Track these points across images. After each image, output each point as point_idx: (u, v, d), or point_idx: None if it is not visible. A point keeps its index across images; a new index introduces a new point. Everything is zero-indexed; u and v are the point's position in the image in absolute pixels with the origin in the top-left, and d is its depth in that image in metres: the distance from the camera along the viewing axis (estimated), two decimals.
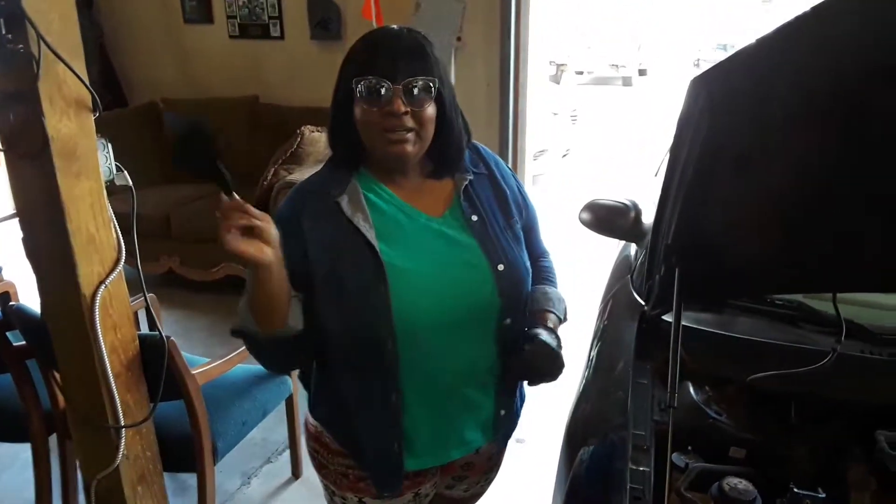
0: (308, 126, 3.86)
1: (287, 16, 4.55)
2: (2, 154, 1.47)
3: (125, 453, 1.67)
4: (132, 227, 1.60)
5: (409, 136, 1.18)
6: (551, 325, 1.33)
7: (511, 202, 1.35)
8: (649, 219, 2.01)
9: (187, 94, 4.83)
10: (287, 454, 2.70)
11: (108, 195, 1.59)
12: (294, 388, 2.48)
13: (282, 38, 4.61)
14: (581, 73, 16.05)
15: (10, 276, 2.84)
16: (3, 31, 1.34)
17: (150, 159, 4.60)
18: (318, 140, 3.84)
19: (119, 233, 1.61)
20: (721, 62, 1.03)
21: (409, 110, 1.16)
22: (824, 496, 1.16)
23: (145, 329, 2.55)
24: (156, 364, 1.71)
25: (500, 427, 1.40)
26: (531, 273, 1.35)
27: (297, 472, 2.66)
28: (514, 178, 1.41)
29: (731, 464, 1.31)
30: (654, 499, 1.16)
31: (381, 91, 1.14)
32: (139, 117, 4.76)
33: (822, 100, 1.03)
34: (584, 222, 2.15)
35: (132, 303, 1.73)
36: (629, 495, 1.16)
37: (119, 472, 1.69)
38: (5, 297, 2.72)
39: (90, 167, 1.52)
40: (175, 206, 4.15)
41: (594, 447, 1.37)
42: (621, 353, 1.58)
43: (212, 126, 1.00)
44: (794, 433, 1.37)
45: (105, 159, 1.58)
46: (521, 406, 1.48)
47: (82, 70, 1.45)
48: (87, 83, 1.46)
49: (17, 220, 1.57)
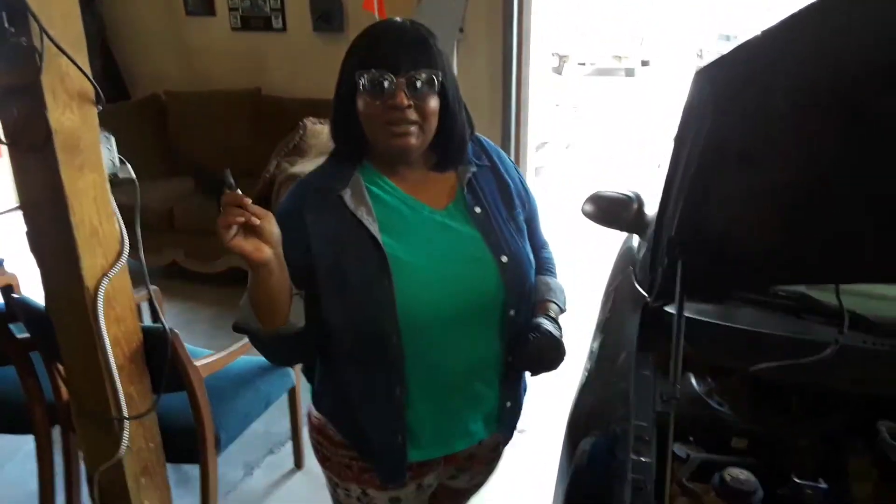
0: (310, 118, 3.86)
1: (289, 8, 4.53)
2: (5, 147, 1.48)
3: (128, 445, 1.68)
4: (135, 219, 1.61)
5: (413, 128, 1.17)
6: (553, 314, 1.33)
7: (514, 194, 1.36)
8: (652, 210, 2.01)
9: (189, 86, 4.83)
10: (289, 445, 2.71)
11: (111, 188, 1.59)
12: (297, 379, 2.49)
13: (284, 30, 4.59)
14: (583, 64, 16.00)
15: (13, 269, 2.85)
16: (6, 25, 1.34)
17: (152, 152, 4.61)
18: (321, 132, 3.84)
19: (122, 225, 1.61)
20: (725, 54, 1.03)
21: (412, 103, 1.15)
22: (826, 487, 1.17)
23: (148, 321, 2.56)
24: (159, 356, 1.71)
25: (503, 419, 1.40)
26: (534, 267, 1.35)
27: (299, 464, 2.67)
28: (517, 171, 1.41)
29: (732, 455, 1.32)
30: (656, 489, 1.16)
31: (385, 84, 1.14)
32: (142, 110, 4.75)
33: (824, 94, 1.03)
34: (586, 214, 2.15)
35: (135, 295, 1.74)
36: (631, 486, 1.16)
37: (122, 463, 1.70)
38: (8, 290, 2.73)
39: (93, 160, 1.52)
40: (178, 199, 4.16)
41: (596, 438, 1.37)
42: (624, 344, 1.58)
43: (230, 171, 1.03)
44: (795, 424, 1.37)
45: (108, 152, 1.59)
46: (524, 397, 1.48)
47: (85, 63, 1.45)
48: (90, 76, 1.46)
49: (20, 213, 1.57)
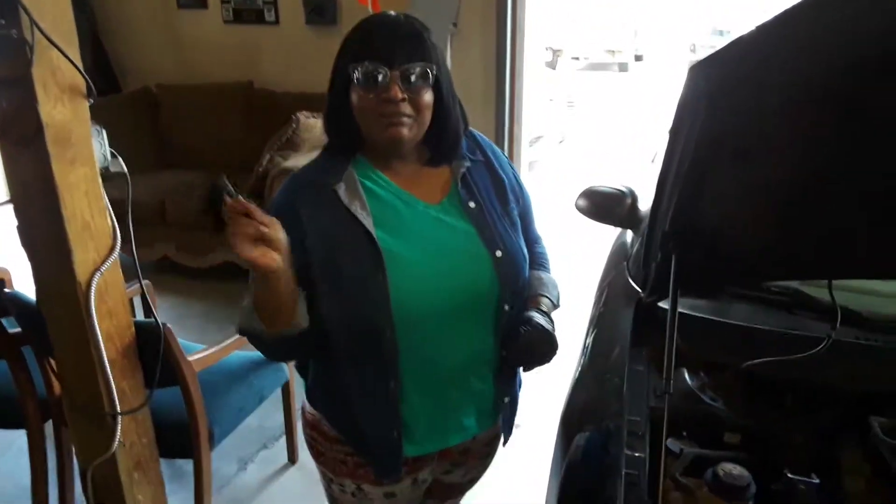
0: (303, 112, 3.85)
1: (282, 1, 4.50)
2: None
3: (121, 440, 1.67)
4: (127, 213, 1.60)
5: (406, 121, 1.17)
6: (545, 308, 1.33)
7: (508, 189, 1.35)
8: (646, 206, 2.01)
9: (181, 79, 4.80)
10: (283, 440, 2.71)
11: (103, 182, 1.58)
12: (290, 374, 2.49)
13: (276, 23, 4.57)
14: (577, 58, 16.00)
15: (4, 263, 2.83)
16: None
17: (143, 145, 4.59)
18: (314, 126, 3.82)
19: (114, 220, 1.60)
20: (719, 50, 1.02)
21: (405, 96, 1.15)
22: (818, 482, 1.17)
23: (141, 316, 2.55)
24: (151, 351, 1.71)
25: (498, 414, 1.41)
26: (528, 261, 1.35)
27: (293, 458, 2.67)
28: (511, 166, 1.41)
29: (725, 449, 1.32)
30: (649, 484, 1.17)
31: (378, 77, 1.14)
32: (133, 103, 4.72)
33: (818, 89, 1.03)
34: (580, 209, 2.15)
35: (127, 289, 1.73)
36: (624, 480, 1.16)
37: (115, 458, 1.69)
38: (0, 284, 2.71)
39: (85, 154, 1.51)
40: (170, 193, 4.13)
41: (590, 433, 1.38)
42: (617, 339, 1.59)
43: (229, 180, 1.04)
44: (788, 419, 1.37)
45: (100, 146, 1.57)
46: (519, 392, 1.48)
47: (76, 56, 1.43)
48: (82, 69, 1.45)
49: (11, 207, 1.56)
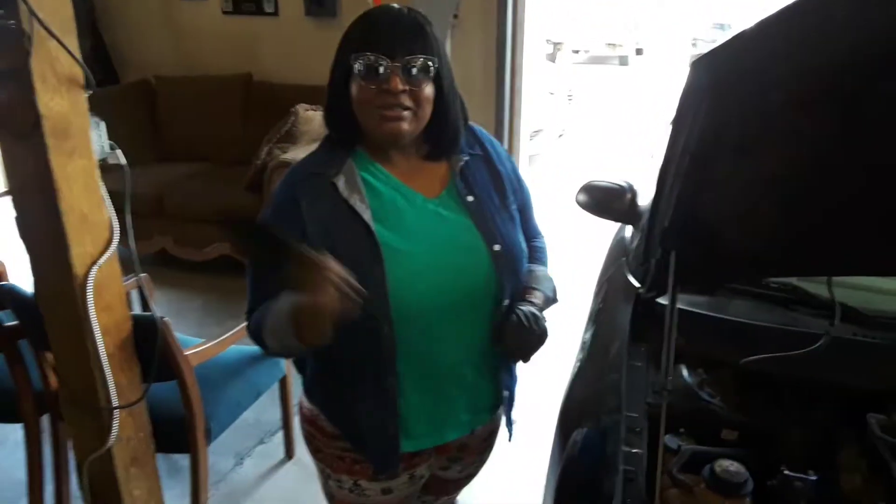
0: (302, 104, 3.84)
1: None
2: None
3: (118, 434, 1.66)
4: (126, 206, 1.59)
5: (406, 114, 1.17)
6: (536, 300, 1.32)
7: (506, 183, 1.35)
8: (645, 201, 2.01)
9: (180, 71, 4.78)
10: (280, 435, 2.71)
11: (101, 174, 1.57)
12: (287, 369, 2.48)
13: (276, 14, 4.55)
14: (577, 52, 15.98)
15: (1, 256, 2.82)
16: None
17: (141, 137, 4.57)
18: (313, 119, 3.81)
19: (112, 212, 1.60)
20: (721, 44, 1.02)
21: (406, 88, 1.15)
22: (815, 478, 1.17)
23: (138, 309, 2.54)
24: (149, 345, 1.70)
25: (495, 408, 1.41)
26: (526, 256, 1.35)
27: (290, 453, 2.67)
28: (509, 159, 1.41)
29: (723, 446, 1.32)
30: (647, 481, 1.17)
31: (380, 69, 1.14)
32: (131, 94, 4.71)
33: (820, 84, 1.03)
34: (580, 204, 2.15)
35: (125, 283, 1.72)
36: (622, 477, 1.16)
37: (112, 453, 1.69)
38: None
39: (83, 146, 1.50)
40: (168, 185, 4.13)
41: (588, 429, 1.37)
42: (616, 335, 1.58)
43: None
44: (786, 416, 1.38)
45: (98, 138, 1.57)
46: (515, 387, 1.48)
47: (75, 47, 1.42)
48: (80, 60, 1.44)
49: (9, 199, 1.55)
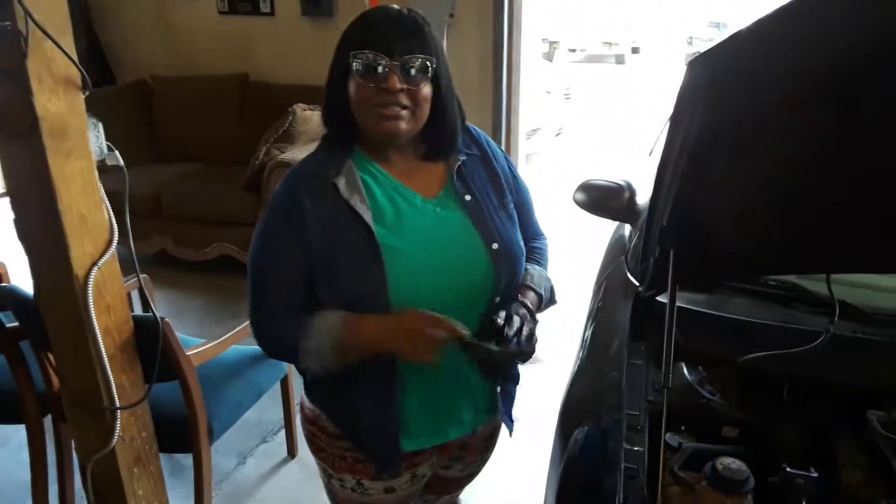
0: (300, 104, 3.83)
1: None
2: None
3: (121, 435, 1.67)
4: (124, 207, 1.59)
5: (404, 113, 1.17)
6: (529, 301, 1.31)
7: (503, 182, 1.35)
8: (643, 199, 2.01)
9: (176, 71, 4.77)
10: (282, 434, 2.71)
11: (99, 175, 1.57)
12: (288, 368, 2.48)
13: (272, 14, 4.54)
14: (574, 50, 15.98)
15: (1, 258, 2.82)
16: None
17: (139, 138, 4.56)
18: (310, 118, 3.81)
19: (111, 213, 1.60)
20: (718, 44, 1.02)
21: (404, 87, 1.15)
22: (816, 475, 1.17)
23: (139, 310, 2.54)
24: (150, 345, 1.70)
25: (495, 407, 1.41)
26: (525, 254, 1.35)
27: (292, 452, 2.67)
28: (506, 158, 1.41)
29: (724, 443, 1.32)
30: (648, 478, 1.17)
31: (378, 67, 1.14)
32: (127, 95, 4.70)
33: (817, 83, 1.03)
34: (578, 203, 2.15)
35: (125, 283, 1.72)
36: (623, 475, 1.17)
37: (115, 453, 1.69)
38: None
39: (81, 146, 1.50)
40: (166, 185, 4.12)
41: (589, 427, 1.38)
42: (616, 333, 1.59)
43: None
44: (786, 413, 1.38)
45: (96, 138, 1.56)
46: (517, 385, 1.49)
47: (71, 47, 1.42)
48: (76, 61, 1.44)
49: (7, 201, 1.55)
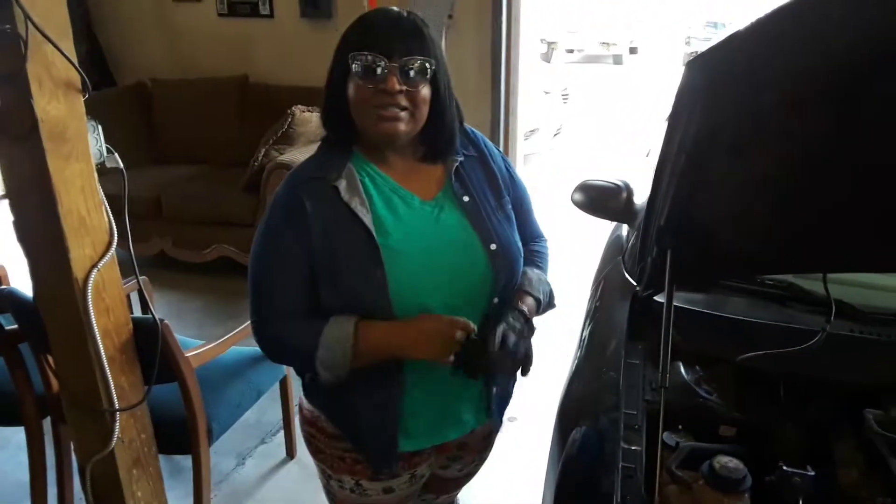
0: (299, 106, 3.84)
1: None
2: None
3: (120, 436, 1.67)
4: (124, 209, 1.59)
5: (403, 114, 1.18)
6: (526, 307, 1.31)
7: (500, 182, 1.36)
8: (641, 200, 2.02)
9: (176, 73, 4.77)
10: (281, 435, 2.71)
11: (98, 177, 1.57)
12: (287, 369, 2.49)
13: (271, 16, 4.55)
14: (572, 51, 16.00)
15: (1, 260, 2.82)
16: None
17: (138, 140, 4.57)
18: (309, 120, 3.82)
19: (110, 215, 1.60)
20: (716, 44, 1.03)
21: (403, 89, 1.16)
22: (813, 474, 1.18)
23: (138, 312, 2.54)
24: (149, 347, 1.71)
25: (493, 406, 1.41)
26: (522, 255, 1.35)
27: (291, 453, 2.67)
28: (503, 159, 1.42)
29: (721, 442, 1.33)
30: (646, 477, 1.18)
31: (377, 69, 1.14)
32: (127, 97, 4.70)
33: (815, 83, 1.03)
34: (576, 203, 2.15)
35: (124, 285, 1.72)
36: (621, 474, 1.17)
37: (114, 455, 1.69)
38: None
39: (80, 149, 1.51)
40: (166, 187, 4.12)
41: (586, 427, 1.38)
42: (613, 333, 1.59)
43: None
44: (783, 412, 1.38)
45: (95, 141, 1.57)
46: (514, 385, 1.49)
47: (71, 50, 1.43)
48: (76, 64, 1.44)
49: (7, 203, 1.56)
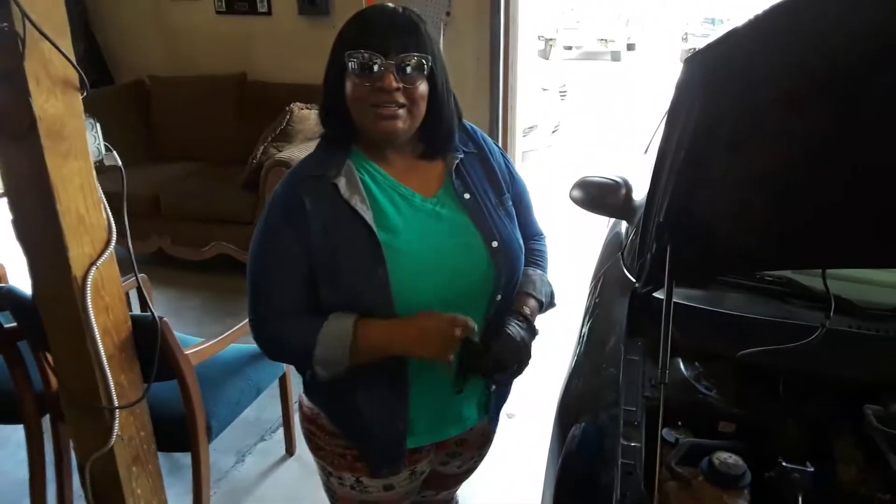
0: (297, 103, 3.83)
1: None
2: None
3: (119, 434, 1.67)
4: (122, 207, 1.59)
5: (401, 111, 1.17)
6: (528, 310, 1.32)
7: (501, 179, 1.36)
8: (640, 196, 2.02)
9: (174, 71, 4.77)
10: (281, 432, 2.72)
11: (97, 175, 1.57)
12: (286, 367, 2.49)
13: (269, 13, 4.54)
14: (570, 48, 16.01)
15: (0, 258, 2.82)
16: None
17: (137, 138, 4.56)
18: (308, 117, 3.81)
19: (109, 213, 1.60)
20: (714, 41, 1.02)
21: (400, 86, 1.15)
22: (812, 470, 1.18)
23: (137, 309, 2.54)
24: (149, 345, 1.71)
25: (492, 403, 1.42)
26: (524, 252, 1.35)
27: (290, 450, 2.68)
28: (502, 155, 1.42)
29: (720, 439, 1.33)
30: (646, 473, 1.18)
31: (374, 66, 1.14)
32: (125, 95, 4.70)
33: (814, 81, 1.03)
34: (574, 200, 2.15)
35: (123, 283, 1.72)
36: (621, 470, 1.17)
37: (113, 452, 1.69)
38: None
39: (78, 147, 1.50)
40: (164, 185, 4.12)
41: (586, 423, 1.38)
42: (612, 329, 1.59)
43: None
44: (782, 408, 1.39)
45: (94, 139, 1.56)
46: (512, 381, 1.49)
47: (69, 48, 1.42)
48: (74, 62, 1.44)
49: (6, 201, 1.56)
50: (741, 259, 1.45)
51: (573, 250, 3.76)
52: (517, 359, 1.27)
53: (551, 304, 1.42)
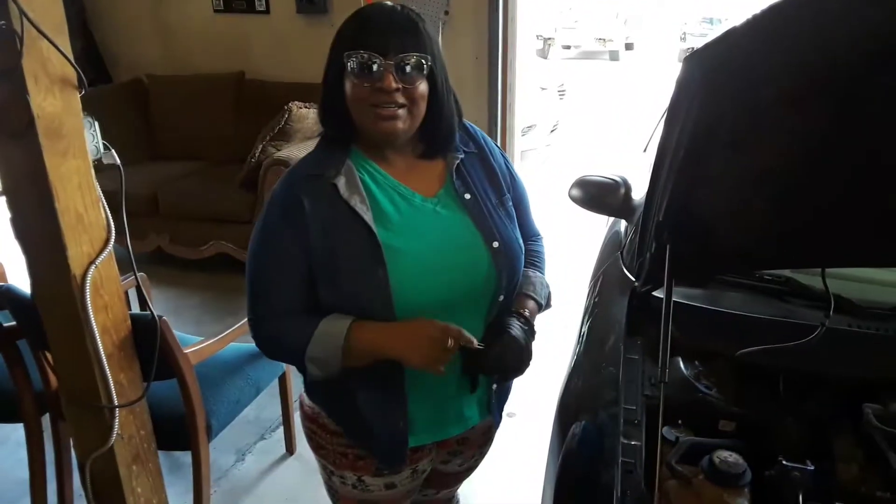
0: (295, 102, 3.83)
1: None
2: None
3: (119, 433, 1.67)
4: (121, 206, 1.59)
5: (400, 111, 1.17)
6: (528, 311, 1.33)
7: (501, 179, 1.36)
8: (639, 195, 2.02)
9: (172, 69, 4.77)
10: (280, 431, 2.72)
11: (95, 174, 1.57)
12: (286, 365, 2.48)
13: (267, 12, 4.54)
14: (568, 47, 16.02)
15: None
16: None
17: (135, 137, 4.56)
18: (306, 116, 3.81)
19: (108, 212, 1.60)
20: (714, 39, 1.02)
21: (400, 86, 1.15)
22: (812, 468, 1.18)
23: (136, 308, 2.54)
24: (148, 343, 1.70)
25: (493, 401, 1.41)
26: (524, 253, 1.35)
27: (291, 449, 2.68)
28: (502, 155, 1.41)
29: (720, 437, 1.33)
30: (646, 472, 1.18)
31: (373, 67, 1.14)
32: (123, 94, 4.69)
33: (814, 80, 1.03)
34: (573, 199, 2.15)
35: (122, 282, 1.72)
36: (621, 469, 1.18)
37: (113, 451, 1.69)
38: None
39: (77, 146, 1.50)
40: (162, 184, 4.12)
41: (586, 422, 1.38)
42: (612, 328, 1.59)
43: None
44: (782, 407, 1.39)
45: (92, 138, 1.56)
46: (511, 383, 1.49)
47: (67, 47, 1.42)
48: (72, 60, 1.44)
49: (4, 200, 1.55)
50: (741, 258, 1.45)
51: (572, 249, 3.76)
52: (519, 359, 1.27)
53: (548, 305, 1.42)
